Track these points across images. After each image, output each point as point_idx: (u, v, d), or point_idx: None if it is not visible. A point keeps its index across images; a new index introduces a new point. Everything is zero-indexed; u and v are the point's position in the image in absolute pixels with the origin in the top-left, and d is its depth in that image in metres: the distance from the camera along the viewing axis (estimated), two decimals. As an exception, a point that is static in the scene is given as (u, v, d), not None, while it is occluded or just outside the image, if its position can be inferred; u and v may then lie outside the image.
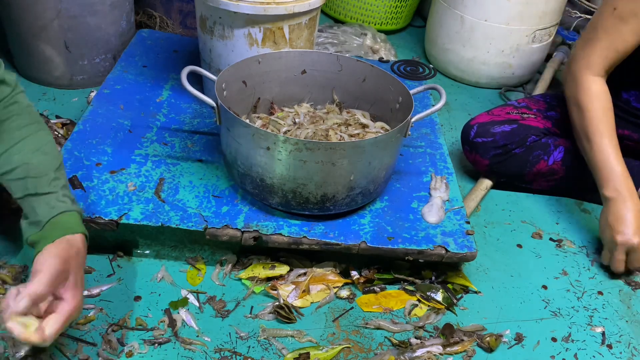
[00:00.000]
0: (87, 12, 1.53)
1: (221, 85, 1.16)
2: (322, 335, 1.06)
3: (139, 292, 1.09)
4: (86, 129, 1.29)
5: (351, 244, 1.11)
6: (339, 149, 1.02)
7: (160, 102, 1.42)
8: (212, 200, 1.16)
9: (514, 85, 1.97)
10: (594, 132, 1.22)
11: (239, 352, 1.01)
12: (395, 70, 1.79)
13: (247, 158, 1.08)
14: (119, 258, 1.15)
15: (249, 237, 1.10)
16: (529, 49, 1.87)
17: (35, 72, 1.62)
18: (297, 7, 1.24)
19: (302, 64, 1.30)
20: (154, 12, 1.90)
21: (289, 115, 1.29)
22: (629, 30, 1.19)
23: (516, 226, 1.37)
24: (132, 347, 0.99)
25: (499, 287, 1.21)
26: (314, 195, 1.09)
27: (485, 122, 1.42)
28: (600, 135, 1.21)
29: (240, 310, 1.09)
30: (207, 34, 1.33)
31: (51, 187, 0.89)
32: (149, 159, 1.24)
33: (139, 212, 1.10)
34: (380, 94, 1.27)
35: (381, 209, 1.20)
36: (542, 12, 1.80)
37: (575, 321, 1.16)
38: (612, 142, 1.22)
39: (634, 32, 1.20)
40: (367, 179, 1.11)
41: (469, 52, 1.90)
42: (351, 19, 2.20)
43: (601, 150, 1.22)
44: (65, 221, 0.88)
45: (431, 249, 1.12)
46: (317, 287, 1.13)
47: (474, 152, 1.43)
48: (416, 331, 1.09)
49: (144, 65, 1.54)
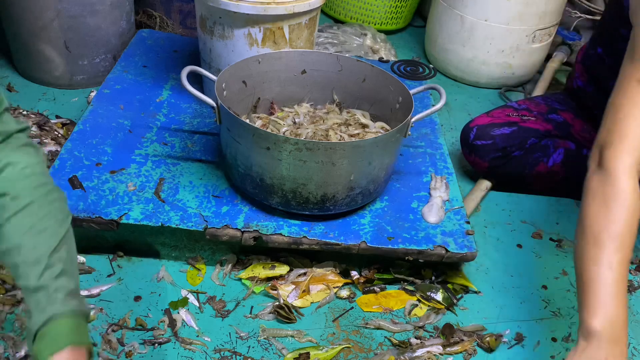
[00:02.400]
0: (87, 12, 1.53)
1: (221, 85, 1.16)
2: (322, 335, 1.06)
3: (139, 292, 1.09)
4: (86, 129, 1.29)
5: (351, 244, 1.11)
6: (339, 149, 1.02)
7: (160, 102, 1.42)
8: (212, 200, 1.16)
9: (514, 85, 1.97)
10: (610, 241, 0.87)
11: (239, 352, 1.01)
12: (395, 70, 1.79)
13: (247, 158, 1.08)
14: (119, 258, 1.15)
15: (249, 237, 1.10)
16: (529, 49, 1.87)
17: (35, 72, 1.62)
18: (297, 7, 1.24)
19: (302, 64, 1.30)
20: (154, 12, 1.90)
21: (289, 115, 1.29)
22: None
23: (516, 226, 1.37)
24: (132, 347, 0.99)
25: (499, 287, 1.21)
26: (314, 195, 1.09)
27: (484, 124, 1.42)
28: (616, 249, 0.87)
29: (240, 310, 1.09)
30: (207, 34, 1.33)
31: (42, 280, 0.72)
32: (149, 159, 1.24)
33: (139, 212, 1.10)
34: (380, 94, 1.27)
35: (381, 209, 1.20)
36: (542, 12, 1.80)
37: (575, 321, 1.16)
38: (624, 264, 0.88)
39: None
40: (367, 179, 1.11)
41: (469, 52, 1.90)
42: (351, 19, 2.20)
43: (610, 267, 0.86)
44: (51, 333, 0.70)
45: (431, 249, 1.12)
46: (317, 287, 1.13)
47: (473, 154, 1.43)
48: (416, 331, 1.09)
49: (144, 65, 1.54)
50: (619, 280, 0.86)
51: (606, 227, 0.88)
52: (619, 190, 0.89)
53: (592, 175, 0.94)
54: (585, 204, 0.92)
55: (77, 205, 1.09)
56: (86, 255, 1.13)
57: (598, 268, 0.86)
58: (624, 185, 0.89)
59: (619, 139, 0.92)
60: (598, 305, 0.85)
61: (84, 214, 1.08)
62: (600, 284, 0.85)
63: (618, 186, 0.89)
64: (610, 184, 0.90)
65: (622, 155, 0.91)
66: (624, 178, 0.90)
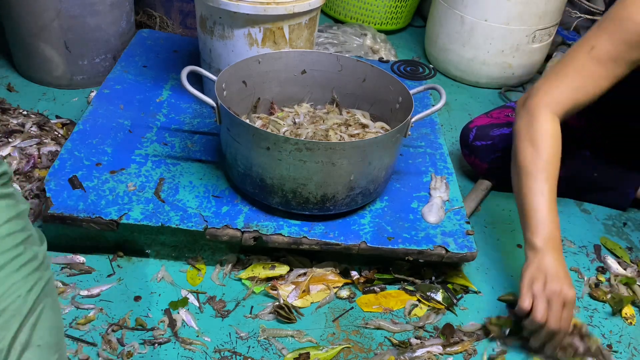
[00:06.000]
0: (87, 12, 1.53)
1: (221, 85, 1.16)
2: (322, 335, 1.06)
3: (139, 292, 1.09)
4: (86, 129, 1.29)
5: (351, 244, 1.11)
6: (339, 149, 1.02)
7: (160, 102, 1.42)
8: (212, 200, 1.16)
9: (514, 85, 1.97)
10: (539, 173, 1.06)
11: (239, 352, 1.01)
12: (395, 70, 1.79)
13: (247, 158, 1.08)
14: (119, 258, 1.15)
15: (249, 237, 1.10)
16: (529, 49, 1.87)
17: (35, 72, 1.62)
18: (297, 7, 1.24)
19: (302, 64, 1.30)
20: (154, 12, 1.90)
21: (289, 115, 1.29)
22: (603, 74, 1.06)
23: (516, 226, 1.37)
24: (132, 347, 0.99)
25: (499, 287, 1.21)
26: (314, 195, 1.09)
27: (484, 124, 1.42)
28: (547, 177, 1.06)
29: (240, 310, 1.09)
30: (207, 34, 1.33)
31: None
32: (149, 159, 1.24)
33: (139, 212, 1.10)
34: (380, 94, 1.27)
35: (381, 209, 1.20)
36: (542, 12, 1.80)
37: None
38: (553, 190, 1.07)
39: (607, 78, 1.06)
40: (367, 179, 1.11)
41: (469, 52, 1.90)
42: (351, 19, 2.20)
43: (542, 192, 1.06)
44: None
45: (431, 249, 1.12)
46: (317, 287, 1.13)
47: (473, 155, 1.42)
48: (416, 331, 1.09)
49: (144, 65, 1.54)
50: (550, 204, 1.06)
51: (534, 162, 1.07)
52: (542, 132, 1.07)
53: (518, 118, 1.12)
54: (515, 144, 1.11)
55: (77, 205, 1.09)
56: (86, 255, 1.13)
57: (533, 196, 1.06)
58: (546, 127, 1.07)
59: (545, 92, 1.09)
60: (537, 226, 1.05)
61: (84, 214, 1.08)
62: (537, 209, 1.05)
63: (541, 129, 1.07)
64: (535, 128, 1.08)
65: (544, 106, 1.08)
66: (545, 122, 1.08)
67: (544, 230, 1.05)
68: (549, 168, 1.07)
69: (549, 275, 1.02)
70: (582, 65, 1.07)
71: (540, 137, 1.07)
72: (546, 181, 1.06)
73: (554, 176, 1.07)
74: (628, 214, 1.47)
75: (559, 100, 1.08)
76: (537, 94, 1.10)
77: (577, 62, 1.07)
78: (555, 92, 1.08)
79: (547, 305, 1.00)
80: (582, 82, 1.07)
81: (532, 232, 1.06)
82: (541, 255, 1.04)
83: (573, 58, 1.08)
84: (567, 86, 1.08)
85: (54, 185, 1.13)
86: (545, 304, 1.00)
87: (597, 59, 1.05)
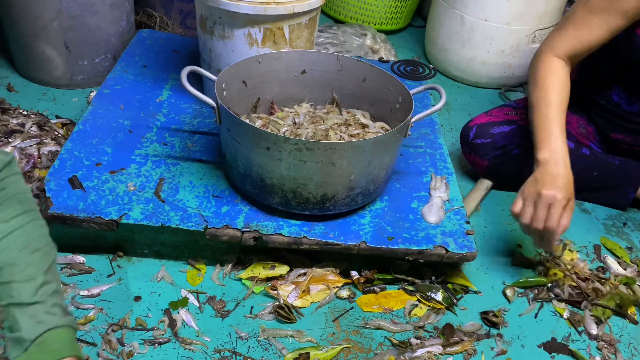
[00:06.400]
0: (87, 12, 1.53)
1: (221, 85, 1.16)
2: (322, 335, 1.06)
3: (139, 292, 1.09)
4: (86, 129, 1.29)
5: (351, 244, 1.11)
6: (339, 149, 1.02)
7: (160, 102, 1.42)
8: (212, 200, 1.16)
9: (513, 85, 1.97)
10: (542, 99, 1.18)
11: (239, 352, 1.01)
12: (395, 70, 1.79)
13: (247, 158, 1.08)
14: (119, 258, 1.15)
15: (249, 237, 1.10)
16: (529, 49, 1.87)
17: (35, 72, 1.62)
18: (297, 7, 1.24)
19: (302, 64, 1.30)
20: (154, 12, 1.90)
21: (289, 115, 1.29)
22: (596, 23, 1.18)
23: (516, 226, 1.37)
24: (132, 347, 0.99)
25: (499, 287, 1.21)
26: (314, 195, 1.09)
27: (484, 123, 1.42)
28: (548, 104, 1.17)
29: (240, 310, 1.09)
30: (207, 34, 1.33)
31: (38, 296, 0.74)
32: (149, 159, 1.24)
33: (139, 212, 1.10)
34: (380, 94, 1.27)
35: (381, 209, 1.20)
36: (542, 12, 1.80)
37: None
38: (558, 113, 1.16)
39: (600, 27, 1.18)
40: (367, 179, 1.11)
41: (469, 52, 1.90)
42: (351, 19, 2.20)
43: (546, 116, 1.16)
44: (53, 341, 0.73)
45: (431, 249, 1.12)
46: (317, 287, 1.13)
47: (473, 153, 1.43)
48: (416, 331, 1.09)
49: (144, 65, 1.54)
50: (553, 125, 1.15)
51: (537, 95, 1.20)
52: (543, 70, 1.22)
53: (529, 67, 1.28)
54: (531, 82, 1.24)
55: (77, 205, 1.09)
56: (86, 255, 1.13)
57: (537, 122, 1.17)
58: (547, 65, 1.22)
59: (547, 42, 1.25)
60: (543, 144, 1.14)
61: (84, 214, 1.08)
62: (542, 130, 1.16)
63: (543, 68, 1.22)
64: (537, 69, 1.23)
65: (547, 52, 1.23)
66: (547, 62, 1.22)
67: (548, 146, 1.13)
68: (551, 97, 1.17)
69: (543, 181, 1.10)
70: (578, 17, 1.21)
71: (541, 74, 1.21)
72: (549, 107, 1.16)
73: (558, 102, 1.17)
74: (628, 214, 1.47)
75: (559, 46, 1.22)
76: (542, 45, 1.26)
77: (574, 15, 1.21)
78: (557, 41, 1.23)
79: (534, 207, 1.10)
80: (578, 31, 1.20)
81: (537, 150, 1.15)
82: (542, 166, 1.12)
83: (572, 12, 1.22)
84: (565, 35, 1.22)
85: (54, 185, 1.13)
86: (532, 206, 1.10)
87: (590, 10, 1.18)
